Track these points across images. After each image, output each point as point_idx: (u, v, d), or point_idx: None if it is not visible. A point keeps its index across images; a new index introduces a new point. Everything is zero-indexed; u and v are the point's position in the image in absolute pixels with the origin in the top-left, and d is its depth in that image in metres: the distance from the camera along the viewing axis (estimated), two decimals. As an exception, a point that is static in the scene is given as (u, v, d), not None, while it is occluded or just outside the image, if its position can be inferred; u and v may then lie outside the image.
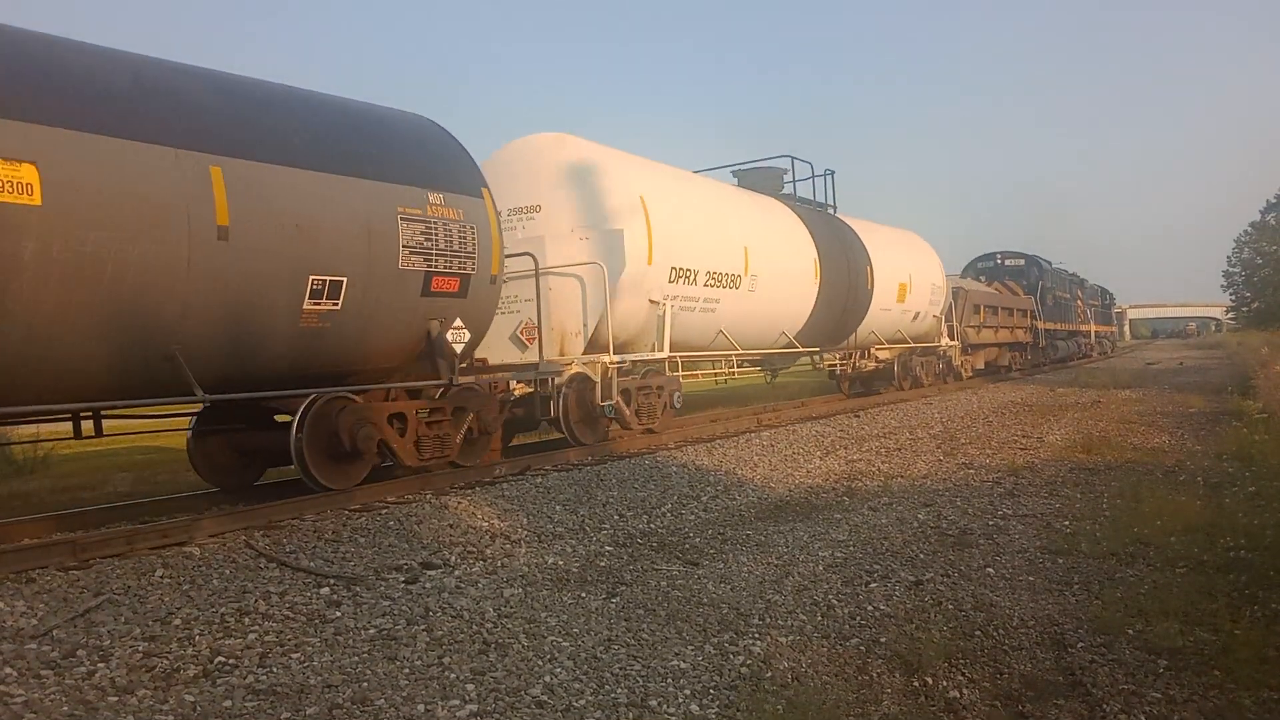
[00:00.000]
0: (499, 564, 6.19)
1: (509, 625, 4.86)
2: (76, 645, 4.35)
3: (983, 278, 29.92)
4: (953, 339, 22.13)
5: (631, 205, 10.97)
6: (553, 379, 10.41)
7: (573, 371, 10.65)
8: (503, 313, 9.69)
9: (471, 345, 8.84)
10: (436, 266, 8.17)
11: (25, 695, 3.80)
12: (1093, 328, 42.36)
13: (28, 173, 5.61)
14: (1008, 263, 31.08)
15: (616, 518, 7.72)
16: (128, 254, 6.09)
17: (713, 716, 3.86)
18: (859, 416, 14.62)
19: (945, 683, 4.26)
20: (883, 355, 19.11)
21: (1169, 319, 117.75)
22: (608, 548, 6.77)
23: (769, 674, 4.26)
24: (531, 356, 10.68)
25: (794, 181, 17.06)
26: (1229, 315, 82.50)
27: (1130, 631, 4.77)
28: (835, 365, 18.06)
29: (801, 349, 15.46)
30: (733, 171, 16.48)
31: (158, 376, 6.53)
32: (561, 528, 7.29)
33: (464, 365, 8.87)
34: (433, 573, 5.87)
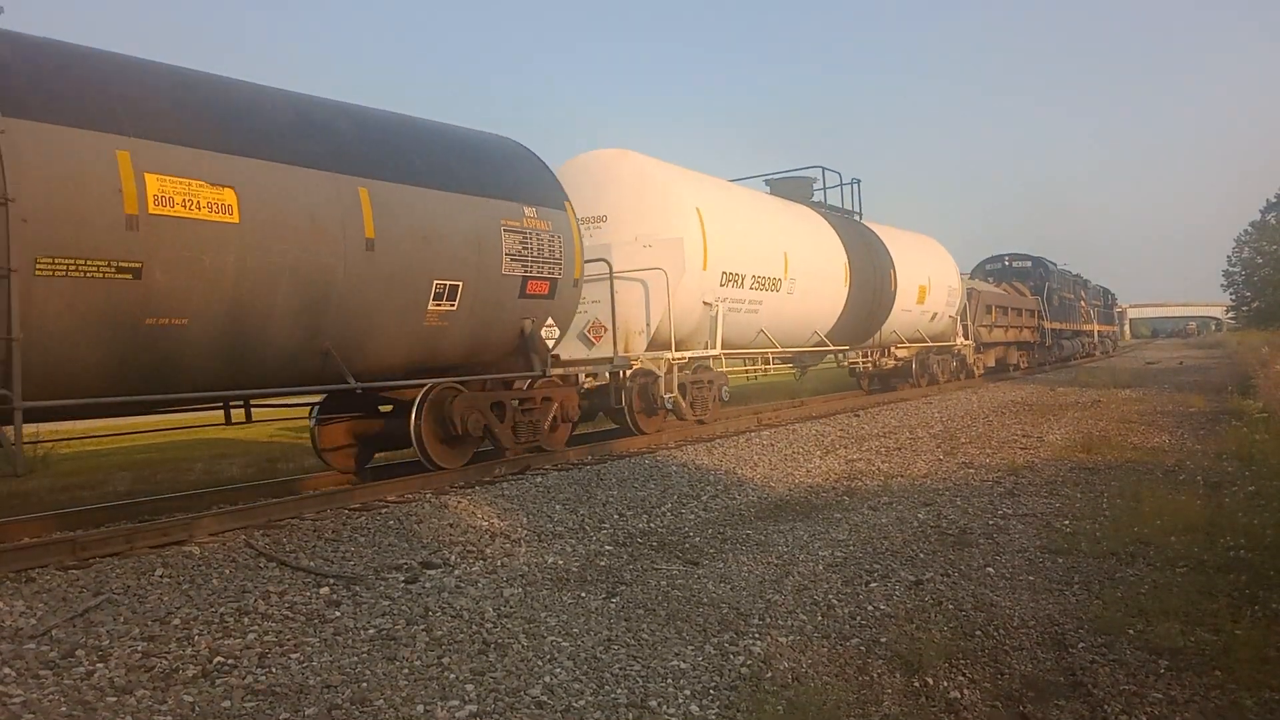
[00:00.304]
0: (499, 563, 6.18)
1: (509, 625, 4.86)
2: (75, 645, 4.34)
3: (990, 279, 30.51)
4: (967, 338, 23.21)
5: (688, 215, 11.98)
6: (623, 372, 11.42)
7: (637, 366, 11.58)
8: (572, 313, 10.72)
9: (558, 342, 10.01)
10: (531, 272, 9.33)
11: (24, 695, 3.79)
12: (1095, 327, 43.53)
13: (229, 196, 6.72)
14: (1015, 264, 32.05)
15: (616, 517, 7.71)
16: (300, 263, 7.19)
17: (713, 717, 3.85)
18: (859, 416, 14.62)
19: (946, 683, 4.25)
20: (901, 354, 20.23)
21: (1169, 318, 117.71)
22: (608, 547, 6.77)
23: (769, 674, 4.25)
24: (598, 353, 11.61)
25: (824, 189, 18.00)
26: (1229, 315, 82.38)
27: (1131, 631, 4.76)
28: (859, 363, 19.21)
29: (832, 347, 16.47)
30: (765, 180, 17.25)
31: (312, 368, 7.66)
32: (561, 527, 7.28)
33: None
34: (432, 572, 5.86)
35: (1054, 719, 3.98)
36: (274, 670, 4.20)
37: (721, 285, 12.52)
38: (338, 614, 4.97)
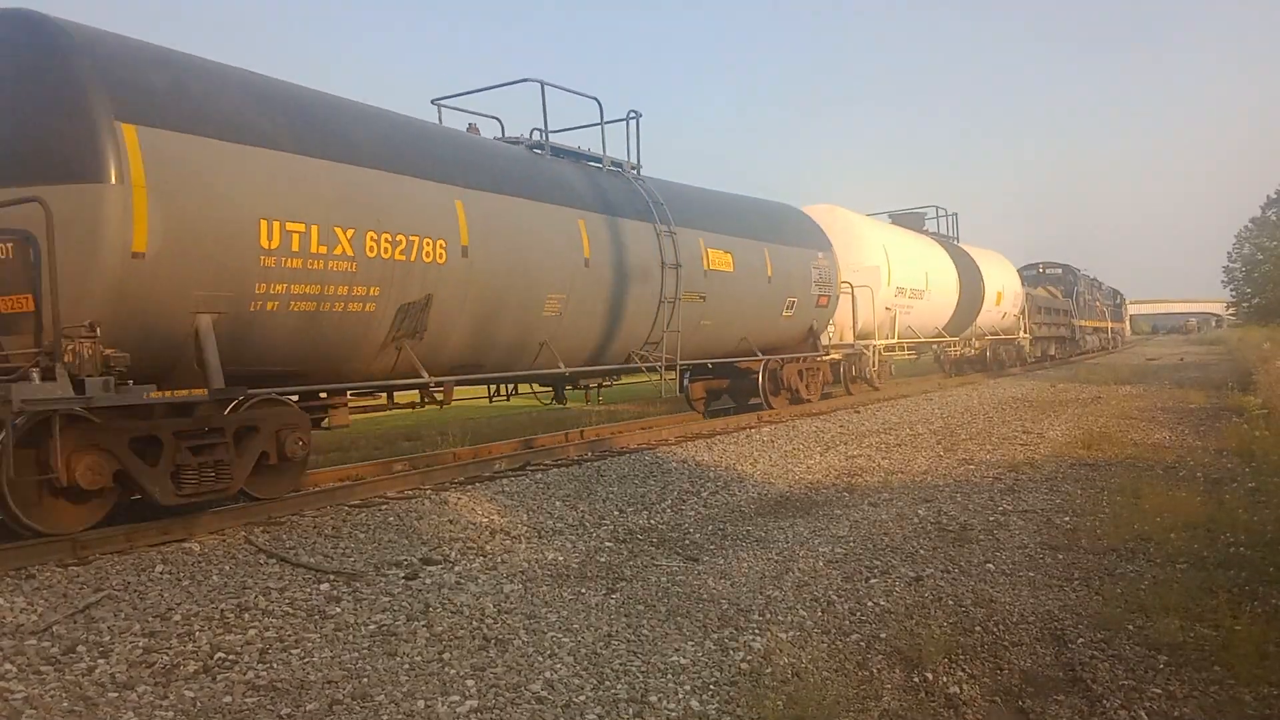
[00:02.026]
0: (499, 560, 6.19)
1: (509, 621, 4.86)
2: (76, 641, 4.35)
3: (1026, 284, 33.91)
4: (1025, 333, 29.94)
5: (879, 250, 18.32)
6: (845, 352, 17.53)
7: (853, 348, 17.80)
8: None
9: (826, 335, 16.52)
10: (820, 291, 15.33)
11: (25, 691, 3.80)
12: (1109, 324, 49.55)
13: (729, 258, 12.78)
14: (1048, 271, 38.02)
15: (616, 513, 7.72)
16: (749, 291, 13.44)
17: (713, 712, 3.86)
18: (859, 413, 14.63)
19: (945, 678, 4.26)
20: (977, 344, 26.11)
21: (1169, 314, 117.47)
22: (608, 543, 6.78)
23: (769, 670, 4.26)
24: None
25: (937, 219, 24.81)
26: (1229, 311, 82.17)
27: (1130, 627, 4.77)
28: (953, 350, 24.83)
29: (947, 338, 22.99)
30: (889, 215, 23.11)
31: (737, 347, 13.66)
32: (561, 523, 7.29)
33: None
34: (432, 568, 5.87)
35: (1053, 714, 3.98)
36: (275, 666, 4.21)
37: (895, 296, 18.70)
38: (338, 610, 4.97)
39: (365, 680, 4.07)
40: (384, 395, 8.55)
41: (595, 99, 11.41)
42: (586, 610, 5.09)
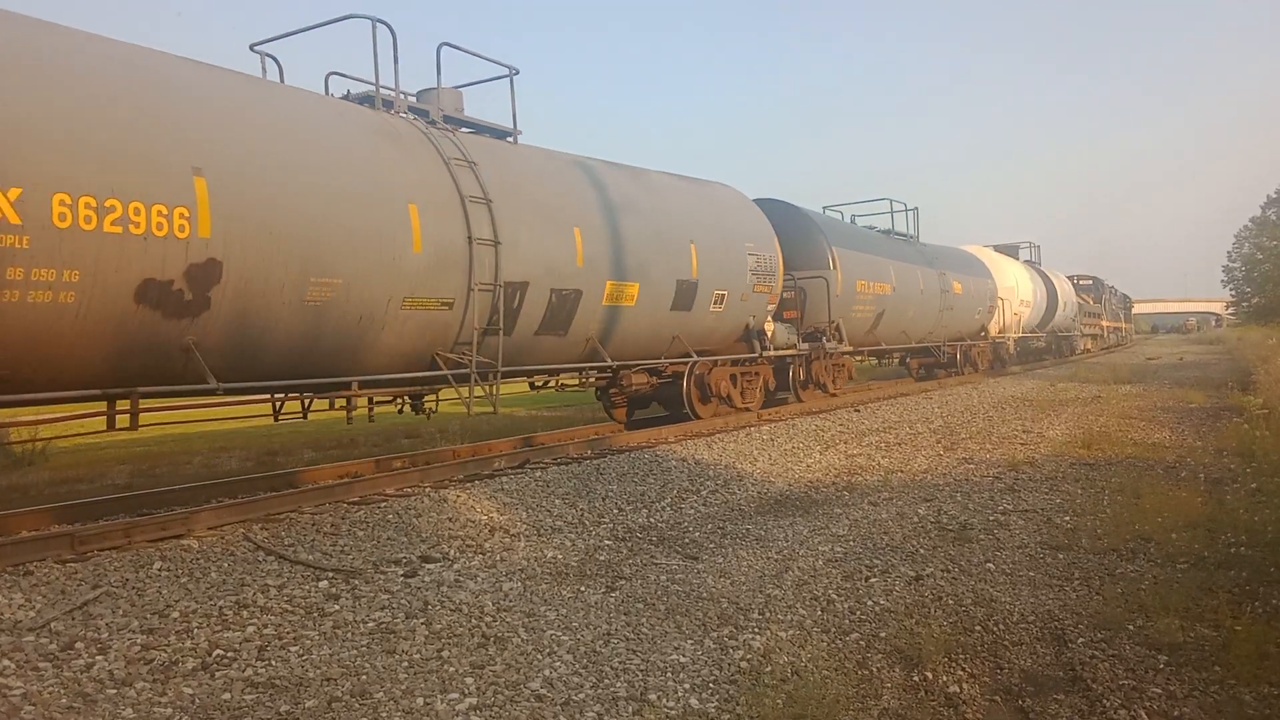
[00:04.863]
0: (498, 557, 6.18)
1: (508, 619, 4.86)
2: (74, 638, 4.34)
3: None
4: (1078, 330, 39.70)
5: (1012, 277, 27.40)
6: (995, 340, 26.06)
7: (999, 339, 26.36)
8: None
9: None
10: (990, 303, 24.63)
11: (24, 688, 3.79)
12: (1123, 324, 59.40)
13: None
14: (1080, 283, 45.63)
15: (616, 512, 7.71)
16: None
17: (712, 711, 3.85)
18: (859, 411, 14.62)
19: (945, 677, 4.25)
20: (1045, 339, 34.47)
21: (1169, 314, 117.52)
22: (607, 541, 6.77)
23: (769, 668, 4.25)
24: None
25: (1030, 248, 34.54)
26: (1229, 310, 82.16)
27: (1131, 627, 4.76)
28: (1028, 341, 32.69)
29: (1037, 333, 32.36)
30: (994, 246, 30.77)
31: (955, 334, 23.12)
32: (561, 521, 7.28)
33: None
34: (431, 566, 5.86)
35: (1053, 713, 3.97)
36: (273, 663, 4.20)
37: (1019, 305, 27.95)
38: (337, 607, 4.97)
39: (364, 678, 4.06)
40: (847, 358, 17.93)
41: (889, 200, 20.53)
42: (586, 608, 5.09)
